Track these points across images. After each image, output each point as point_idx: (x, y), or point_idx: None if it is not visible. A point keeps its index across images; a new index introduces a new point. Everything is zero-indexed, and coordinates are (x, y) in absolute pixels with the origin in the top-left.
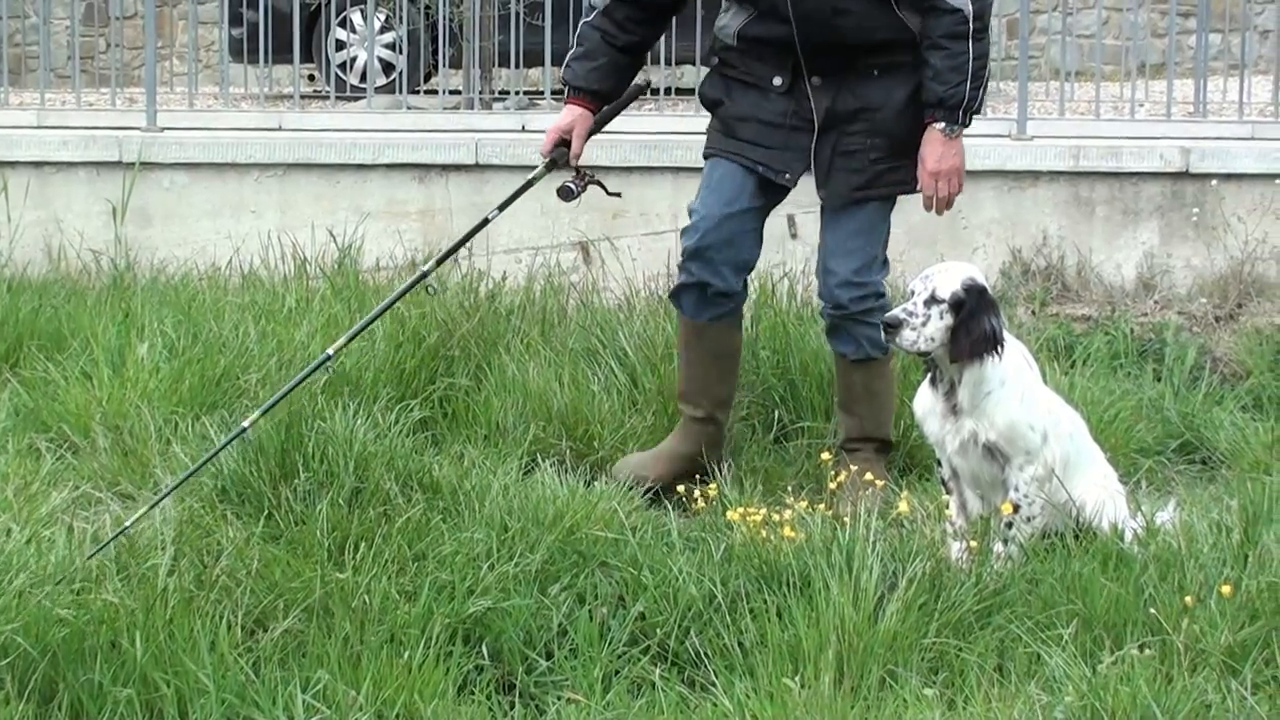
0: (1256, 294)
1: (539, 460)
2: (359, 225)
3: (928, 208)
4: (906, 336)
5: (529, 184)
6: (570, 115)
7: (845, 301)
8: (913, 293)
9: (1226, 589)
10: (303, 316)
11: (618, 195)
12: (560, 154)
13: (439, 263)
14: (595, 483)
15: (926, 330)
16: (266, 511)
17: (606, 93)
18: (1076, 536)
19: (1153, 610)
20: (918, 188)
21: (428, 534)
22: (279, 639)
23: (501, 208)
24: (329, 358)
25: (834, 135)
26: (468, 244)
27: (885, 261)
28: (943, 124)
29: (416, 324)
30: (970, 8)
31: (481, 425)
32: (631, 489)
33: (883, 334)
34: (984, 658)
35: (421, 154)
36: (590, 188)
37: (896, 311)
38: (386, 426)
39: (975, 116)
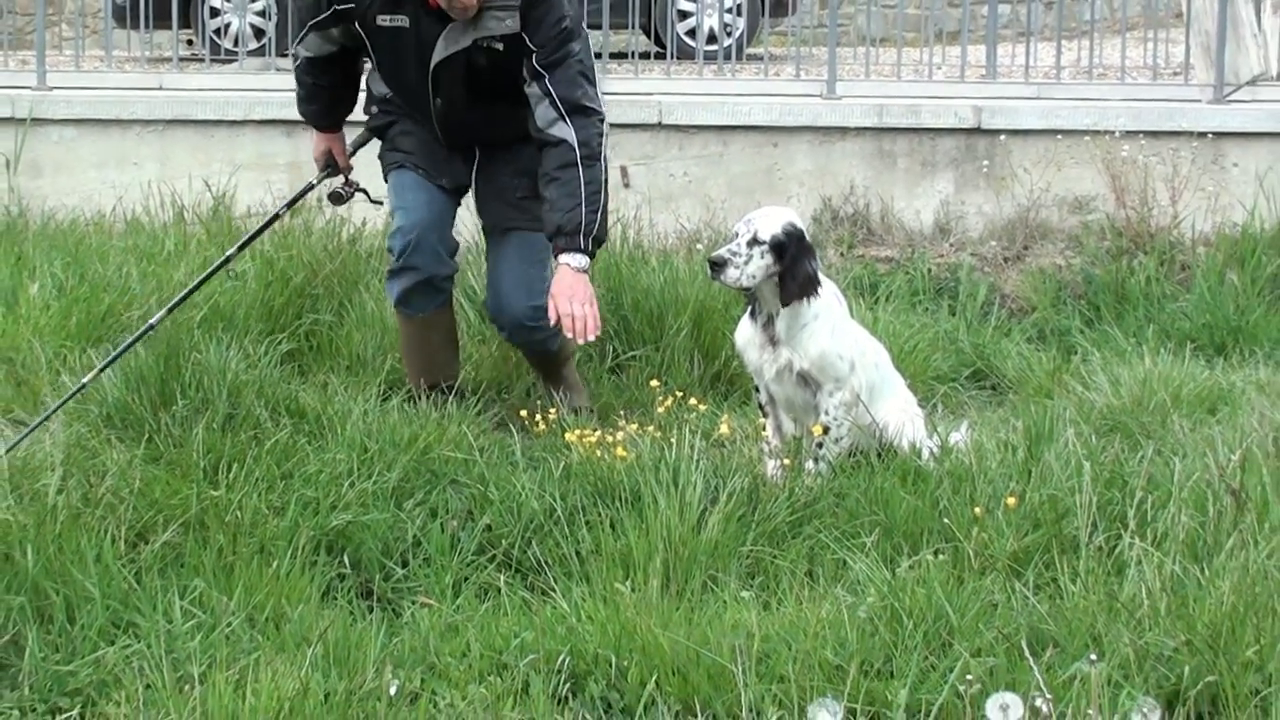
0: (1040, 237)
1: (396, 388)
2: (232, 176)
3: (569, 332)
4: (730, 274)
5: (309, 187)
6: (323, 142)
7: (527, 331)
8: (736, 234)
9: (1012, 501)
10: (180, 259)
11: (379, 203)
12: (331, 161)
13: (241, 249)
14: (447, 408)
15: (749, 269)
16: (147, 435)
17: (339, 118)
18: (880, 455)
19: (946, 520)
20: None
21: (294, 455)
22: (159, 551)
23: (289, 205)
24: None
25: (485, 174)
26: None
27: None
28: (568, 255)
29: (284, 265)
30: (575, 137)
31: (343, 357)
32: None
33: (709, 271)
34: (796, 564)
35: (290, 111)
36: (359, 195)
37: (721, 251)
38: (257, 358)
39: (599, 245)
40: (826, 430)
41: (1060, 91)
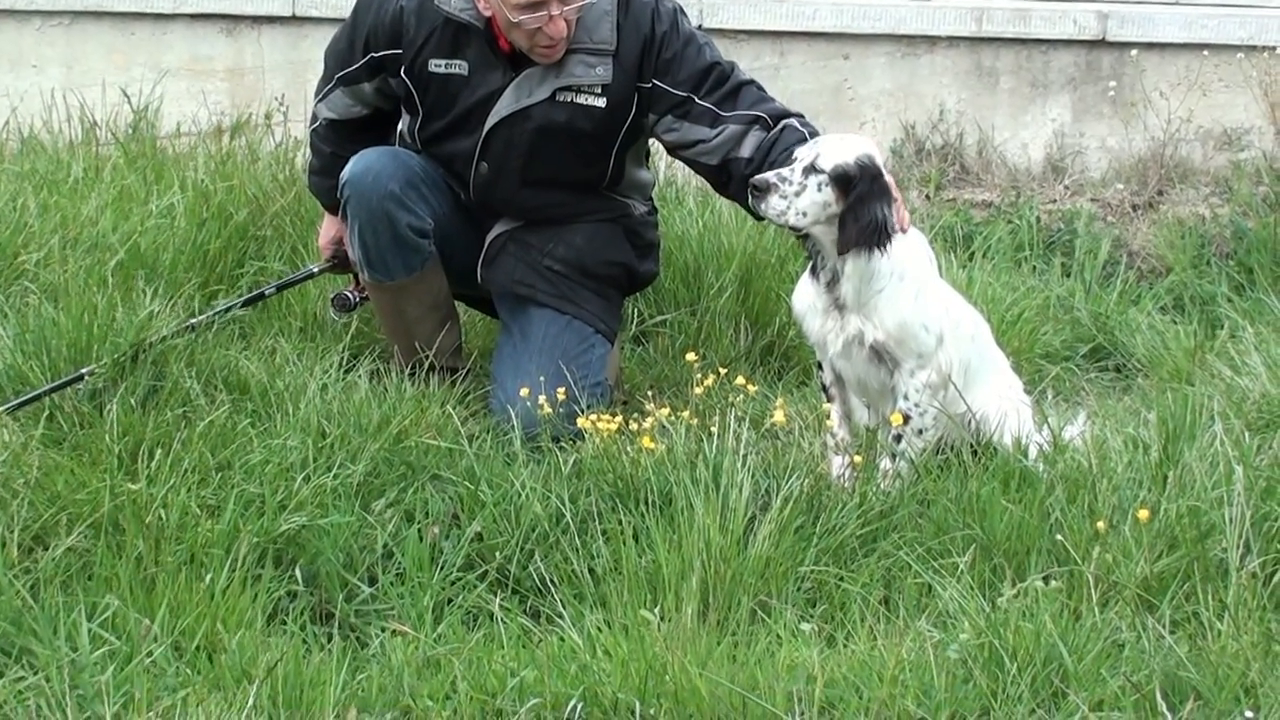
0: (1179, 180)
1: (361, 357)
2: (157, 84)
3: None
4: (774, 204)
5: (309, 275)
6: (334, 225)
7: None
8: (795, 158)
9: (1143, 514)
10: (91, 188)
11: None
12: (341, 253)
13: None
14: (428, 383)
15: (799, 202)
16: (48, 412)
17: None
18: (975, 452)
19: (1060, 537)
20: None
21: (234, 440)
22: (61, 558)
23: (280, 288)
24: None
25: (510, 235)
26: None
27: (606, 391)
28: None
29: (223, 199)
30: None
31: (296, 316)
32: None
33: (749, 197)
34: (868, 588)
35: (231, 3)
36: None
37: (768, 175)
38: (187, 315)
39: None
40: (907, 419)
41: None
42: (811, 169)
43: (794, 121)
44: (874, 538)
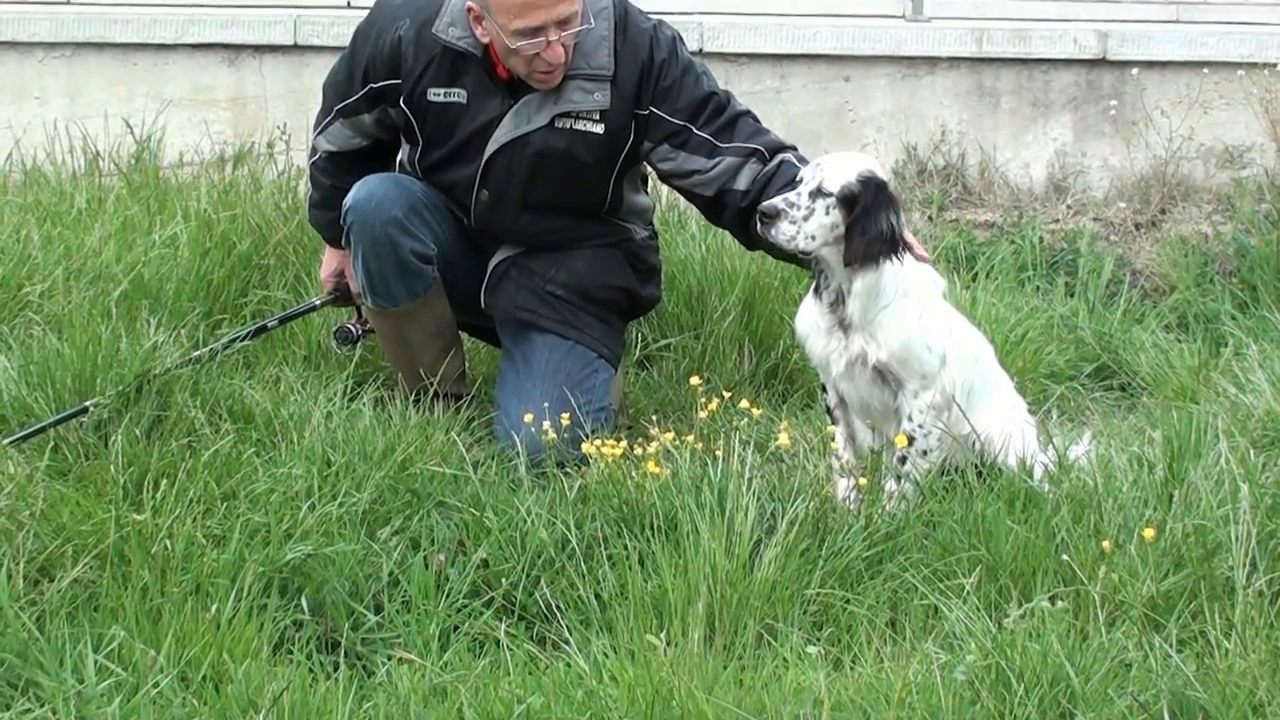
0: (1181, 198)
1: (365, 385)
2: (160, 114)
3: None
4: (784, 230)
5: (311, 308)
6: (335, 258)
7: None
8: (799, 180)
9: (1149, 533)
10: (94, 219)
11: None
12: (343, 286)
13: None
14: (432, 410)
15: (808, 226)
16: (53, 444)
17: None
18: (980, 473)
19: (1065, 557)
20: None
21: (239, 469)
22: (67, 590)
23: (282, 321)
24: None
25: (512, 260)
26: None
27: (610, 416)
28: None
29: (226, 228)
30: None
31: (300, 345)
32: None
33: (758, 224)
34: (875, 611)
35: (232, 32)
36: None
37: (776, 200)
38: (191, 346)
39: None
40: (911, 441)
41: (1207, 13)
42: (819, 192)
43: (790, 156)
44: (880, 560)
